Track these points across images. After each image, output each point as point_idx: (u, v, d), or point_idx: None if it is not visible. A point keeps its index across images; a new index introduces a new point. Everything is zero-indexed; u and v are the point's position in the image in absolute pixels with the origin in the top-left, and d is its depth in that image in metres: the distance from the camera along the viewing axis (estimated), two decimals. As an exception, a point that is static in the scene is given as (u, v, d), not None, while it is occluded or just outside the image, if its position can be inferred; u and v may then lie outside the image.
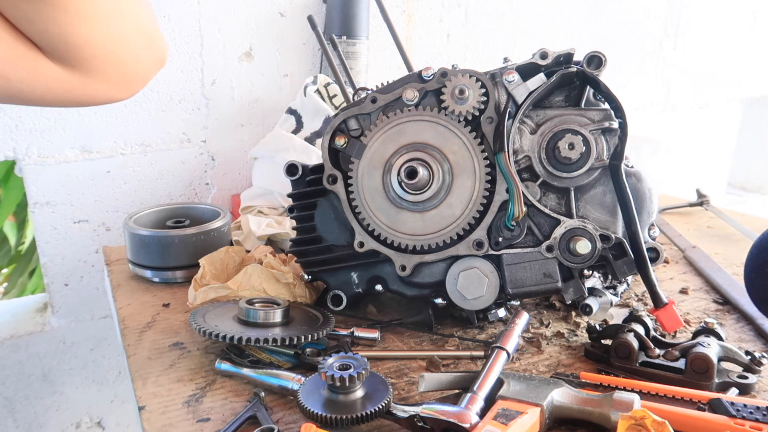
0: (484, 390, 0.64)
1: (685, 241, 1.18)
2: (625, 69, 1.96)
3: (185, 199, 1.36)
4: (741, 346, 0.79)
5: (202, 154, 1.35)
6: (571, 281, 0.79)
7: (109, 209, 1.30)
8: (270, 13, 1.35)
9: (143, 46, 0.54)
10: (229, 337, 0.72)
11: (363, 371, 0.62)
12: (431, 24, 1.57)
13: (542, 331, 0.85)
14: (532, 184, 0.79)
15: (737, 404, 0.62)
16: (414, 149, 0.79)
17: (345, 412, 0.60)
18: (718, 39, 2.11)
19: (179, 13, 1.26)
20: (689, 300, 0.96)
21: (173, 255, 1.01)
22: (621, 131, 0.77)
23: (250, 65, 1.36)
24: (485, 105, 0.78)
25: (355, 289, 0.86)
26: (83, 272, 1.31)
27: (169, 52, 1.27)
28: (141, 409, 0.68)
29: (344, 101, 1.18)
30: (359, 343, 0.81)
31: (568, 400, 0.63)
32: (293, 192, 0.88)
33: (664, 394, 0.67)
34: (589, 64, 0.76)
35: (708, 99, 2.19)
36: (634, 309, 0.81)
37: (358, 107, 0.82)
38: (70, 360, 1.37)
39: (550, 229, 0.78)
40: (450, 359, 0.78)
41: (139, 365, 0.77)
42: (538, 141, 0.78)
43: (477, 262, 0.79)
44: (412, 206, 0.80)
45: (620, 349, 0.74)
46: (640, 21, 1.94)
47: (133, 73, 0.54)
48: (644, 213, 0.79)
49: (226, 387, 0.72)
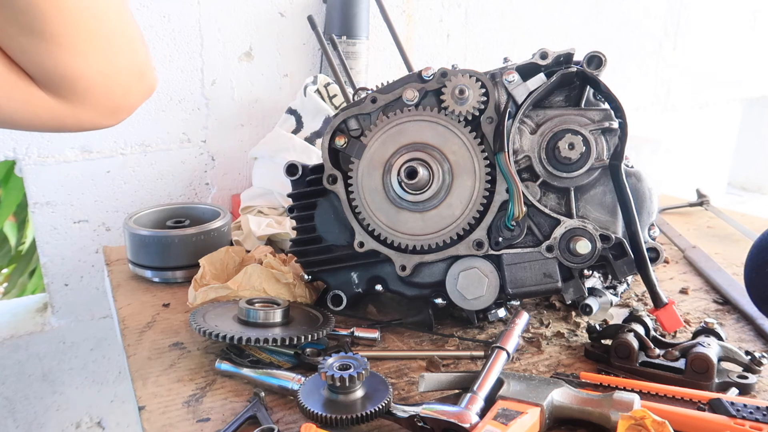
0: (484, 390, 0.64)
1: (685, 241, 1.18)
2: (625, 69, 1.96)
3: (185, 199, 1.36)
4: (741, 346, 0.79)
5: (202, 154, 1.35)
6: (571, 281, 0.79)
7: (109, 209, 1.30)
8: (270, 13, 1.35)
9: (134, 79, 0.54)
10: (229, 337, 0.72)
11: (363, 371, 0.62)
12: (431, 24, 1.57)
13: (542, 331, 0.85)
14: (532, 184, 0.79)
15: (737, 404, 0.62)
16: (414, 149, 0.79)
17: (345, 412, 0.60)
18: (718, 39, 2.11)
19: (179, 13, 1.26)
20: (689, 300, 0.96)
21: (173, 255, 1.01)
22: (621, 131, 0.77)
23: (250, 65, 1.36)
24: (485, 105, 0.78)
25: (355, 289, 0.86)
26: (83, 272, 1.31)
27: (168, 55, 1.27)
28: (141, 409, 0.68)
29: (344, 101, 1.18)
30: (359, 343, 0.81)
31: (568, 400, 0.63)
32: (293, 192, 0.88)
33: (664, 394, 0.67)
34: (589, 64, 0.76)
35: (708, 99, 2.19)
36: (634, 309, 0.81)
37: (358, 107, 0.82)
38: (70, 360, 1.37)
39: (550, 229, 0.78)
40: (450, 359, 0.78)
41: (139, 365, 0.77)
42: (538, 141, 0.78)
43: (477, 262, 0.79)
44: (412, 206, 0.80)
45: (620, 349, 0.74)
46: (640, 21, 1.94)
47: (121, 104, 0.55)
48: (644, 213, 0.79)
49: (226, 387, 0.72)
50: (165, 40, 1.26)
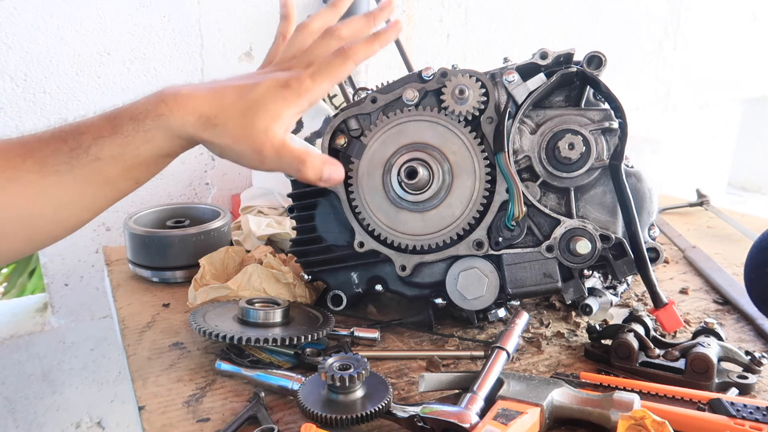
0: (484, 390, 0.64)
1: (685, 241, 1.18)
2: (625, 69, 1.96)
3: (185, 199, 1.36)
4: (741, 346, 0.79)
5: (202, 154, 1.35)
6: (571, 281, 0.79)
7: (109, 209, 1.29)
8: (270, 13, 1.35)
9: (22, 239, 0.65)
10: (229, 337, 0.72)
11: (363, 371, 0.62)
12: (431, 24, 1.57)
13: (542, 331, 0.85)
14: (532, 184, 0.79)
15: (737, 404, 0.62)
16: (414, 149, 0.79)
17: (345, 412, 0.60)
18: (718, 39, 2.11)
19: (179, 13, 1.26)
20: (689, 300, 0.96)
21: (173, 255, 1.01)
22: (621, 131, 0.77)
23: (250, 65, 1.36)
24: (485, 105, 0.78)
25: (355, 289, 0.86)
26: (83, 272, 1.31)
27: (168, 55, 1.27)
28: (141, 409, 0.68)
29: (344, 101, 1.18)
30: (359, 343, 0.81)
31: (568, 400, 0.63)
32: (293, 192, 0.88)
33: (664, 394, 0.67)
34: (589, 64, 0.76)
35: (708, 99, 2.19)
36: (634, 309, 0.81)
37: (358, 107, 0.82)
38: (70, 360, 1.37)
39: (550, 229, 0.78)
40: (450, 359, 0.78)
41: (139, 365, 0.77)
42: (538, 141, 0.78)
43: (477, 262, 0.79)
44: (412, 206, 0.80)
45: (620, 349, 0.74)
46: (640, 21, 1.94)
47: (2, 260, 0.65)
48: (644, 213, 0.79)
49: (226, 387, 0.72)
50: (165, 40, 1.26)
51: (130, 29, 1.23)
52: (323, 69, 0.68)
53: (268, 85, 0.66)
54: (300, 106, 0.67)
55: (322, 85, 0.68)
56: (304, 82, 0.67)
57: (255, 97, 0.65)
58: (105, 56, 1.22)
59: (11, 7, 1.13)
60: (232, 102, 0.65)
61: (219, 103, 0.65)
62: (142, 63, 1.25)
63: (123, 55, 1.23)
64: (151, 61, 1.26)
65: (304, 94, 0.67)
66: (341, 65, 0.69)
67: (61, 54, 1.18)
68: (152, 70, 1.26)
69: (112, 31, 1.21)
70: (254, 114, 0.65)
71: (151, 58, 1.26)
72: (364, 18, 0.77)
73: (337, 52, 0.70)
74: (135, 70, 1.25)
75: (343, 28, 0.74)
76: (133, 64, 1.25)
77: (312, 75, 0.68)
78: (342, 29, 0.74)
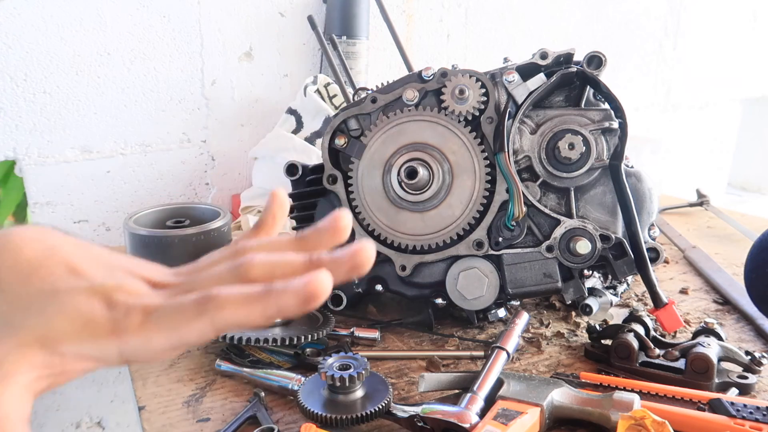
0: (484, 390, 0.64)
1: (685, 241, 1.18)
2: (625, 69, 1.96)
3: (185, 199, 1.36)
4: (741, 346, 0.79)
5: (202, 154, 1.35)
6: (571, 281, 0.79)
7: (109, 209, 1.30)
8: (270, 13, 1.35)
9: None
10: (229, 337, 0.72)
11: (363, 371, 0.62)
12: (431, 24, 1.57)
13: (542, 331, 0.85)
14: (532, 184, 0.79)
15: (737, 404, 0.62)
16: (414, 149, 0.79)
17: (345, 412, 0.60)
18: (718, 39, 2.11)
19: (179, 13, 1.26)
20: (689, 300, 0.96)
21: (173, 255, 1.01)
22: (621, 131, 0.77)
23: (250, 65, 1.36)
24: (485, 105, 0.78)
25: (355, 289, 0.86)
26: (83, 272, 1.31)
27: (168, 55, 1.27)
28: (141, 409, 0.68)
29: (344, 101, 1.18)
30: (359, 343, 0.81)
31: (568, 400, 0.63)
32: (293, 192, 0.88)
33: (664, 394, 0.67)
34: (589, 64, 0.76)
35: (708, 99, 2.19)
36: (634, 309, 0.81)
37: (358, 107, 0.82)
38: (70, 360, 1.37)
39: (550, 229, 0.78)
40: (450, 359, 0.78)
41: (139, 365, 0.77)
42: (538, 141, 0.78)
43: (477, 262, 0.79)
44: (412, 206, 0.80)
45: (620, 349, 0.74)
46: (640, 21, 1.94)
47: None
48: (644, 213, 0.79)
49: (226, 387, 0.72)
50: (165, 40, 1.26)
51: (130, 29, 1.23)
52: (161, 319, 0.37)
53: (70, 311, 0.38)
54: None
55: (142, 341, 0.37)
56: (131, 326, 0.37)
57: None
58: (105, 56, 1.22)
59: (11, 7, 1.13)
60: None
61: None
62: (142, 63, 1.25)
63: (123, 55, 1.23)
64: (151, 61, 1.26)
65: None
66: (191, 321, 0.37)
67: (61, 54, 1.18)
68: (152, 70, 1.26)
69: (112, 31, 1.21)
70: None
71: (151, 58, 1.26)
72: (300, 241, 0.44)
73: (200, 299, 0.37)
74: (135, 70, 1.25)
75: (261, 254, 0.41)
76: (133, 64, 1.25)
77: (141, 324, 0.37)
78: (257, 256, 0.40)
